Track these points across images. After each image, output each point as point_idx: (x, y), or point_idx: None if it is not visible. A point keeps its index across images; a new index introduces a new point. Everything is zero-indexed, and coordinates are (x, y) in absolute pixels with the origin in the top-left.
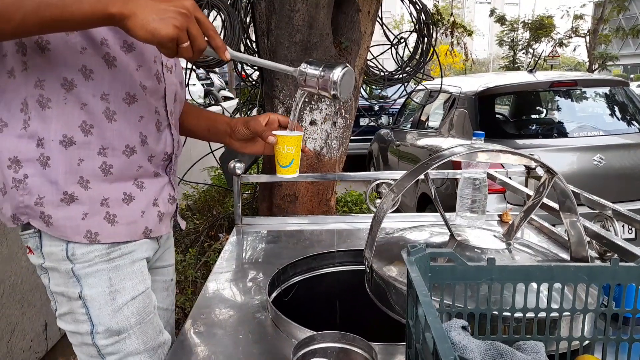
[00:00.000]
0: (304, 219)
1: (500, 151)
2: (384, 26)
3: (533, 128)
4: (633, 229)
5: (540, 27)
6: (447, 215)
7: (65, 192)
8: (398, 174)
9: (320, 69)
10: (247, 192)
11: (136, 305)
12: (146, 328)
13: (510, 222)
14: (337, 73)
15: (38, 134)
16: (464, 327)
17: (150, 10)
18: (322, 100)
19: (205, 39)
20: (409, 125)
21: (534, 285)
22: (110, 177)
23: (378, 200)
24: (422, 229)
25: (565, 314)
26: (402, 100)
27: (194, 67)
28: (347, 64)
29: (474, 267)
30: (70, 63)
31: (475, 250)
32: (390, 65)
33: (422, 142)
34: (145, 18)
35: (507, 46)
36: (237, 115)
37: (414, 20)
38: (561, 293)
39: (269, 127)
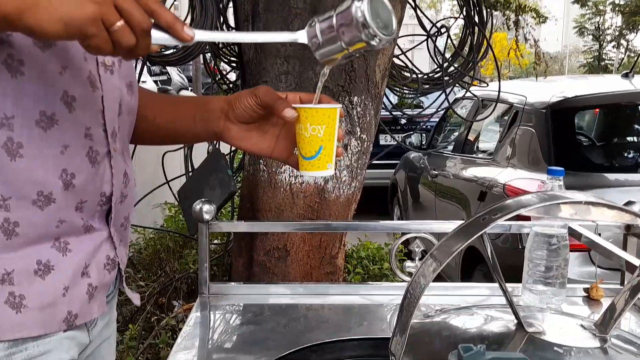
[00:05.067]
0: (298, 286)
1: (591, 203)
2: (417, 10)
3: (631, 157)
4: None
5: (638, 11)
6: (511, 287)
7: None
8: (438, 225)
9: (335, 13)
10: (216, 242)
11: None
12: None
13: (603, 300)
14: (361, 4)
15: None
16: None
17: None
18: None
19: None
20: (450, 148)
21: None
22: (15, 239)
23: (408, 264)
24: (475, 311)
25: None
26: (441, 112)
27: (147, 62)
28: None
29: None
30: None
31: (556, 349)
32: (425, 65)
33: (470, 172)
34: (52, 4)
35: (590, 36)
36: None
37: (459, 2)
38: None
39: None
